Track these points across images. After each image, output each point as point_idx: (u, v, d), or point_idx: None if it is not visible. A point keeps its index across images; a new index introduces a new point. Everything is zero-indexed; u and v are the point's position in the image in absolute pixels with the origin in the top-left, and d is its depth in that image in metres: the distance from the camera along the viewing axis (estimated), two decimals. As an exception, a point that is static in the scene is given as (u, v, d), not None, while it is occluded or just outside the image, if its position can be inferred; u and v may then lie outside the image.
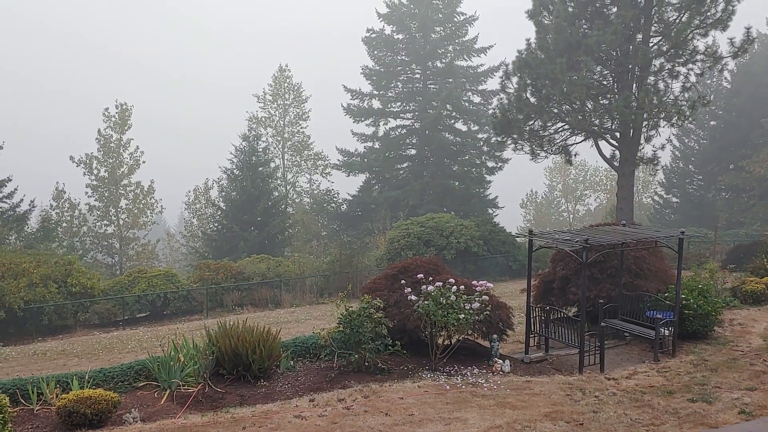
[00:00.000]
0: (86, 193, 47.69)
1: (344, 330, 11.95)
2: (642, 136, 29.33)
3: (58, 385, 10.58)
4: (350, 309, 12.01)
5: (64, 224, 47.30)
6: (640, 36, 28.54)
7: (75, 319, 26.11)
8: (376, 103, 51.11)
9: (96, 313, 26.23)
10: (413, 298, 12.01)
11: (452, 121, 50.18)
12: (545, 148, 31.24)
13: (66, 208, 47.85)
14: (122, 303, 27.12)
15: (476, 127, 49.92)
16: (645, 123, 28.74)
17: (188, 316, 26.93)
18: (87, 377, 10.83)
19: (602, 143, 30.61)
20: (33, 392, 10.28)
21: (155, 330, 22.50)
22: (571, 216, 72.25)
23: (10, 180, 41.24)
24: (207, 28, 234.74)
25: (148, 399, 10.69)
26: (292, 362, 12.17)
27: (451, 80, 49.06)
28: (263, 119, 56.36)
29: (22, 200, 41.69)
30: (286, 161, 56.67)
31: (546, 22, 29.66)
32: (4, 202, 41.07)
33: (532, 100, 29.94)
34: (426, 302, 11.72)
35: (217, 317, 24.30)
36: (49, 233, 42.58)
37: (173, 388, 10.81)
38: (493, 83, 47.22)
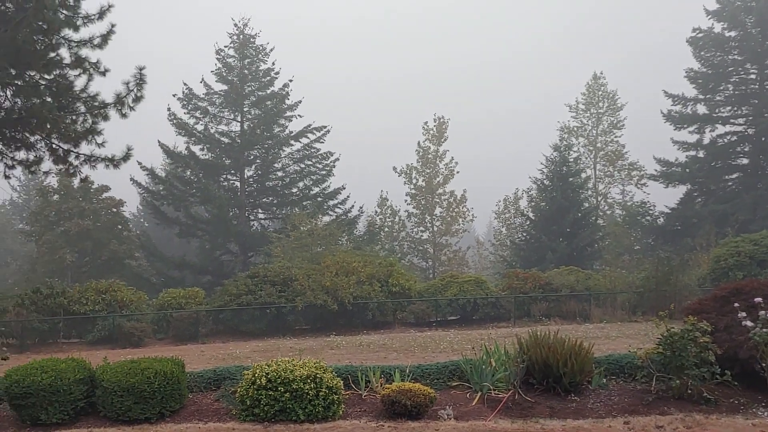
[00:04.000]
0: (405, 200, 51.61)
1: (664, 352, 11.10)
2: None
3: (382, 376, 11.55)
4: (671, 330, 11.13)
5: (386, 229, 51.74)
6: None
7: (394, 316, 28.29)
8: (701, 108, 46.93)
9: (412, 313, 28.08)
10: (749, 324, 10.68)
11: (796, 126, 43.87)
12: None
13: (388, 214, 52.32)
14: (435, 305, 28.65)
15: (829, 133, 42.96)
16: None
17: (495, 323, 27.42)
18: (407, 371, 11.64)
19: None
20: (362, 379, 11.36)
21: (465, 333, 23.32)
22: None
23: (344, 188, 46.51)
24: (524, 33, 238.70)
25: (460, 398, 11.11)
26: (604, 380, 11.67)
27: (796, 79, 42.95)
28: (575, 129, 55.32)
29: (352, 206, 46.83)
30: (597, 171, 54.85)
31: None
32: (339, 207, 46.48)
33: None
34: (764, 330, 10.34)
35: (524, 326, 24.36)
36: (373, 236, 47.03)
37: (484, 391, 11.07)
38: None
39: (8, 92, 22.84)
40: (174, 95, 46.39)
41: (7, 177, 24.57)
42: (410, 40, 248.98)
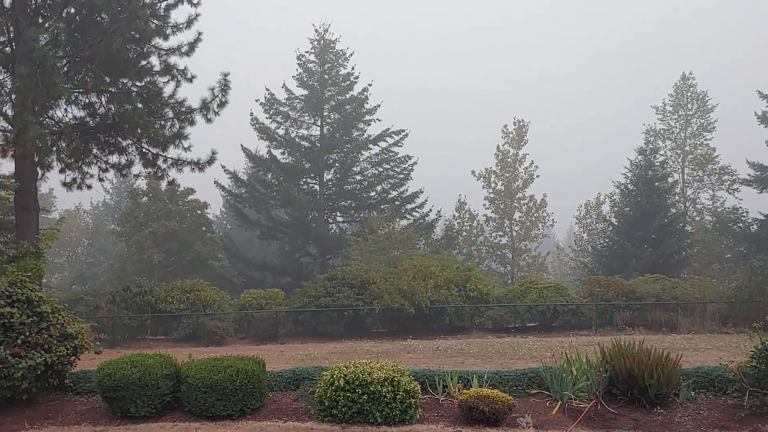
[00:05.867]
0: (484, 205, 51.16)
1: (758, 365, 10.54)
2: None
3: (460, 381, 11.44)
4: (766, 342, 10.55)
5: (464, 233, 51.39)
6: None
7: (471, 321, 28.04)
8: (799, 109, 44.53)
9: (490, 318, 27.76)
10: None
11: None
12: None
13: (466, 219, 51.97)
14: (514, 311, 28.23)
15: None
16: None
17: (576, 331, 26.79)
18: (485, 377, 11.48)
19: None
20: (439, 384, 11.29)
21: (544, 340, 22.85)
22: None
23: (422, 192, 46.51)
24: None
25: (539, 407, 10.87)
26: (692, 393, 11.16)
27: None
28: (661, 132, 53.40)
29: (430, 210, 46.75)
30: (685, 176, 52.76)
31: None
32: (416, 211, 46.50)
33: None
34: None
35: (606, 335, 23.70)
36: (451, 241, 46.78)
37: (564, 400, 10.79)
38: None
39: (103, 99, 24.03)
40: (257, 100, 47.66)
41: (101, 180, 25.85)
42: (485, 54, 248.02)
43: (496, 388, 10.92)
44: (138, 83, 24.12)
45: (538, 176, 49.91)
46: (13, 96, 22.15)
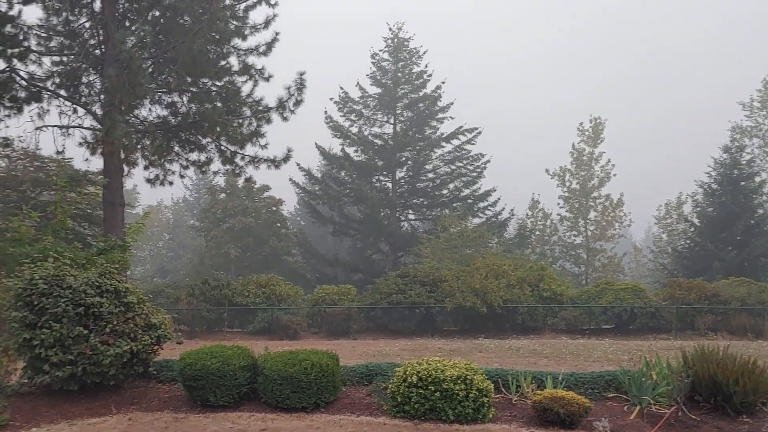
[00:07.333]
0: (558, 204, 50.18)
1: None
2: None
3: (533, 381, 11.28)
4: None
5: (537, 232, 50.56)
6: None
7: (544, 322, 27.59)
8: None
9: (563, 319, 27.26)
10: None
11: None
12: None
13: (539, 218, 51.11)
14: (589, 312, 27.61)
15: None
16: None
17: (654, 334, 25.98)
18: (560, 378, 11.29)
19: None
20: (512, 384, 11.17)
21: (620, 343, 22.29)
22: None
23: (495, 190, 46.11)
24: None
25: (616, 411, 10.60)
26: (781, 402, 10.66)
27: None
28: (748, 129, 51.05)
29: (503, 209, 46.32)
30: (775, 175, 50.24)
31: None
32: (489, 210, 46.14)
33: None
34: None
35: (687, 339, 22.90)
36: (524, 240, 46.16)
37: (643, 405, 10.49)
38: None
39: (184, 98, 24.86)
40: (330, 98, 48.27)
41: (181, 176, 26.80)
42: (559, 63, 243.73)
43: (571, 390, 10.71)
44: (217, 83, 24.85)
45: (615, 175, 48.60)
46: (102, 96, 23.21)
